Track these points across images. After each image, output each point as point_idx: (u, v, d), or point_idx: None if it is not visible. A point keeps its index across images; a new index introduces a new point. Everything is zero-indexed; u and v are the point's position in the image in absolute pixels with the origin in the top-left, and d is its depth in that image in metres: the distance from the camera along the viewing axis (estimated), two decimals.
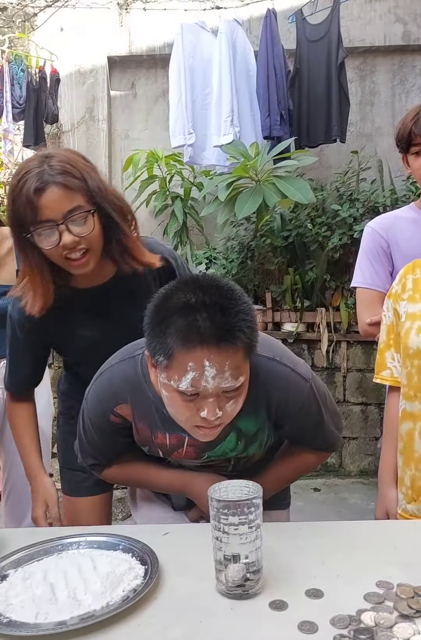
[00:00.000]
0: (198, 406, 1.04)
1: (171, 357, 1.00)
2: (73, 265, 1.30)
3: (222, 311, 0.99)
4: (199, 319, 0.98)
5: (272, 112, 3.68)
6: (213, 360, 0.99)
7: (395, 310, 1.41)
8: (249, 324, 1.03)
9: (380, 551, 1.04)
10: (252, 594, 0.90)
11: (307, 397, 1.20)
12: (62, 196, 1.23)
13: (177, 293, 1.03)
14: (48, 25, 4.24)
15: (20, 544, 1.07)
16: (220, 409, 1.04)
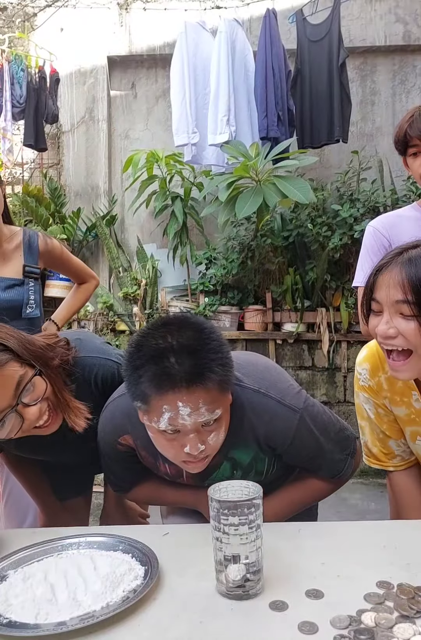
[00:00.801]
0: (181, 443, 1.07)
1: (147, 402, 1.05)
2: (42, 431, 1.24)
3: (190, 354, 1.02)
4: (168, 365, 1.02)
5: (269, 112, 3.68)
6: (186, 402, 1.03)
7: (377, 404, 1.31)
8: (220, 362, 1.05)
9: (380, 551, 1.04)
10: (252, 594, 0.90)
11: (296, 429, 1.19)
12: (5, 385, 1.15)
13: (148, 339, 1.06)
14: (48, 25, 4.24)
15: (20, 545, 1.07)
16: (202, 442, 1.07)
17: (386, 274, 1.11)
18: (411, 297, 1.07)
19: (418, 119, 1.68)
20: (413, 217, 1.84)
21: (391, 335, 1.10)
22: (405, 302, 1.08)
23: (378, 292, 1.12)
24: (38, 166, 4.35)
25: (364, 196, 3.83)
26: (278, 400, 1.19)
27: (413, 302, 1.07)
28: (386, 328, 1.10)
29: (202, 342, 1.04)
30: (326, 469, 1.29)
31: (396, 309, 1.09)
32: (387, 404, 1.31)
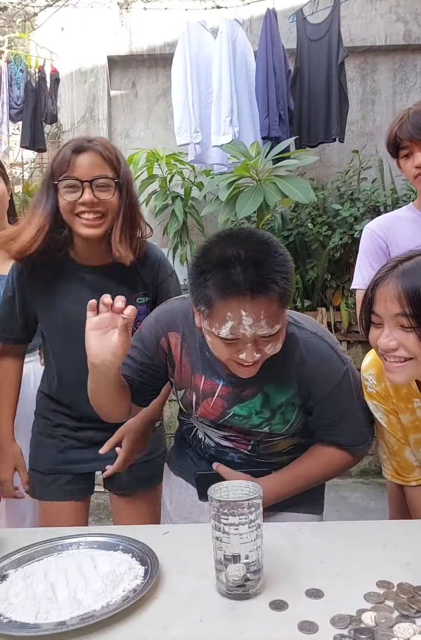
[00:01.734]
0: (238, 349, 1.10)
1: (211, 307, 1.08)
2: (84, 224, 1.39)
3: (255, 265, 1.05)
4: (234, 273, 1.04)
5: (270, 112, 3.68)
6: (248, 311, 1.05)
7: (388, 411, 1.30)
8: (283, 276, 1.07)
9: (380, 551, 1.04)
10: (252, 594, 0.90)
11: (340, 379, 1.22)
12: (94, 162, 1.39)
13: (215, 247, 1.10)
14: (48, 24, 4.23)
15: (20, 544, 1.07)
16: (258, 352, 1.11)
17: (383, 287, 1.12)
18: (409, 310, 1.08)
19: (407, 121, 1.67)
20: (410, 218, 1.84)
21: (393, 348, 1.12)
22: (403, 315, 1.09)
23: (376, 306, 1.14)
24: (38, 166, 4.35)
25: (364, 195, 3.83)
26: (332, 347, 1.24)
27: (411, 315, 1.08)
28: (387, 341, 1.12)
29: (266, 254, 1.07)
30: (349, 435, 1.28)
31: (396, 322, 1.11)
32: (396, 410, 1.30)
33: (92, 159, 1.39)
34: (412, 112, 1.69)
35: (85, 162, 1.38)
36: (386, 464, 1.37)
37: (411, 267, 1.11)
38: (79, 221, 1.40)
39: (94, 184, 1.38)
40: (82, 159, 1.38)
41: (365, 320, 1.19)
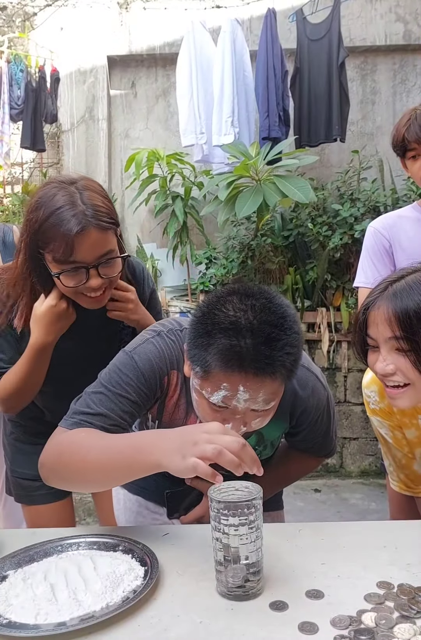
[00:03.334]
0: (224, 417, 1.02)
1: (208, 372, 0.99)
2: (89, 301, 1.28)
3: (268, 342, 0.96)
4: (243, 345, 0.95)
5: (270, 112, 3.69)
6: (248, 387, 0.98)
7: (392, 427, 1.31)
8: (293, 358, 1.00)
9: (380, 552, 1.03)
10: (252, 595, 0.90)
11: (323, 407, 1.24)
12: (98, 240, 1.22)
13: (227, 306, 0.99)
14: (48, 24, 4.24)
15: (20, 545, 1.07)
16: (245, 424, 1.03)
17: (374, 311, 1.11)
18: (400, 333, 1.06)
19: (415, 123, 1.68)
20: (414, 217, 1.84)
21: (390, 372, 1.10)
22: (395, 339, 1.07)
23: (370, 329, 1.12)
24: (38, 166, 4.35)
25: (364, 196, 3.83)
26: (317, 377, 1.23)
27: (402, 338, 1.06)
28: (384, 366, 1.10)
29: (282, 332, 0.97)
30: (325, 448, 1.35)
31: (390, 345, 1.09)
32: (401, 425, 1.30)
33: (95, 239, 1.21)
34: (419, 112, 1.69)
35: (88, 246, 1.21)
36: (393, 476, 1.38)
37: (401, 289, 1.08)
38: (83, 299, 1.29)
39: (99, 266, 1.24)
40: (85, 242, 1.20)
41: (358, 344, 1.17)
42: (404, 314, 1.05)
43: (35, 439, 1.50)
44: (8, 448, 1.61)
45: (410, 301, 1.06)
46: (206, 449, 0.88)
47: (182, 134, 3.81)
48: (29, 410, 1.49)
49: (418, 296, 1.06)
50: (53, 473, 1.12)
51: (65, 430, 1.11)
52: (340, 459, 3.96)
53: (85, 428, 1.09)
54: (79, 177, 1.29)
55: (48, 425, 1.47)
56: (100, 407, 1.10)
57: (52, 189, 1.24)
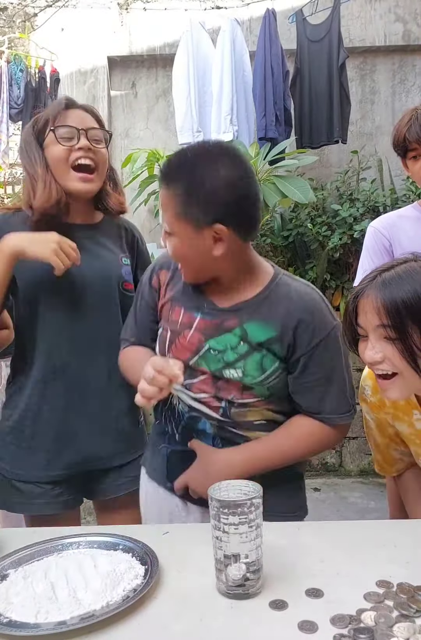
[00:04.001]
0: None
1: None
2: (79, 177, 1.42)
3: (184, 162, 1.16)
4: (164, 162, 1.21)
5: (267, 112, 3.69)
6: (160, 196, 1.19)
7: (381, 418, 1.32)
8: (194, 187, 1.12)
9: (380, 550, 1.04)
10: (252, 593, 0.90)
11: (330, 331, 1.20)
12: (87, 116, 1.47)
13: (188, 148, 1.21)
14: (48, 25, 4.24)
15: (20, 544, 1.07)
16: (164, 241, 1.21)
17: (363, 299, 1.11)
18: (387, 321, 1.06)
19: (416, 123, 1.68)
20: (414, 217, 1.84)
21: (378, 360, 1.10)
22: (383, 327, 1.08)
23: (360, 317, 1.13)
24: None
25: (364, 196, 3.83)
26: (323, 300, 1.25)
27: (390, 326, 1.06)
28: (372, 354, 1.10)
29: (201, 163, 1.14)
30: (333, 401, 1.20)
31: (379, 333, 1.09)
32: (390, 419, 1.31)
33: (83, 115, 1.47)
34: (420, 113, 1.69)
35: (77, 115, 1.45)
36: (372, 457, 1.46)
37: (391, 278, 1.09)
38: (73, 175, 1.42)
39: (88, 134, 1.43)
40: (76, 112, 1.45)
41: (349, 333, 1.17)
42: (392, 303, 1.06)
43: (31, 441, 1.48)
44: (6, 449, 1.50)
45: (399, 291, 1.06)
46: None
47: (178, 132, 3.81)
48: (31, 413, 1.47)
49: (407, 286, 1.06)
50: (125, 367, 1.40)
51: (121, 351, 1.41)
52: (339, 458, 3.96)
53: (126, 349, 1.39)
54: None
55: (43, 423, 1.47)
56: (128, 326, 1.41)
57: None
